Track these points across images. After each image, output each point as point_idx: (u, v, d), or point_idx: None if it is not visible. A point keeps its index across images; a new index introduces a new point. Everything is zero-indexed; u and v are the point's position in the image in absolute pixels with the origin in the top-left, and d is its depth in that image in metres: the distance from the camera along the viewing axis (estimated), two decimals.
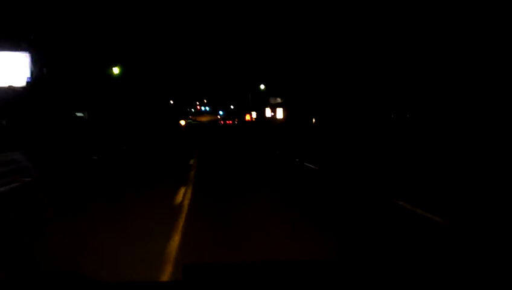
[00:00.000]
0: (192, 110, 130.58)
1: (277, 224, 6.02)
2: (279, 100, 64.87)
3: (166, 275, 4.04)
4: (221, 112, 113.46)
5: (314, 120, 36.18)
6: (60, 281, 1.71)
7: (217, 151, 21.84)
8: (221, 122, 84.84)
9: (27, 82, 27.02)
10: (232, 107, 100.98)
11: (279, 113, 44.24)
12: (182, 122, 76.73)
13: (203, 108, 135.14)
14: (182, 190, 8.89)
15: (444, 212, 6.44)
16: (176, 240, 5.23)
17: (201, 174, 11.95)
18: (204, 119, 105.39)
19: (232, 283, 1.82)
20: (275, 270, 1.98)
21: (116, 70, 30.31)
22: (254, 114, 64.75)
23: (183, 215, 6.58)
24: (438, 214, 6.28)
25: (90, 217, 6.69)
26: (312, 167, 13.44)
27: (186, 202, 7.66)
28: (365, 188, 9.07)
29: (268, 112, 52.27)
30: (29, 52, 27.36)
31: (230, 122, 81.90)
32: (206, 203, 7.82)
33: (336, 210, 7.01)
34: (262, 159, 17.50)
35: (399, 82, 27.51)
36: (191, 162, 15.19)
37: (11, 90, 26.20)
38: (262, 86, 60.69)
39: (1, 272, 4.07)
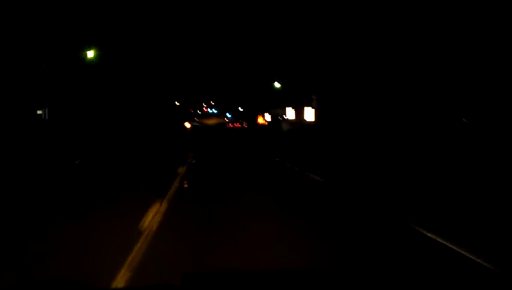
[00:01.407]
0: (199, 112, 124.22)
1: None
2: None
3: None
4: (228, 115, 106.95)
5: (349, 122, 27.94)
6: (60, 288, 1.74)
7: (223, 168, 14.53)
8: (230, 125, 77.18)
9: None
10: (240, 109, 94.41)
11: (309, 114, 35.06)
12: (187, 125, 71.68)
13: (209, 110, 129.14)
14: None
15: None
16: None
17: None
18: (210, 122, 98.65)
19: None
20: (273, 281, 2.06)
21: (90, 54, 22.52)
22: (268, 116, 56.57)
23: None
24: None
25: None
26: None
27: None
28: None
29: (290, 113, 43.54)
30: None
31: (238, 125, 74.26)
32: None
33: None
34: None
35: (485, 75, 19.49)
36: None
37: None
38: (277, 84, 52.78)
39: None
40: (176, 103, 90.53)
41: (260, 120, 58.36)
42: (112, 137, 24.88)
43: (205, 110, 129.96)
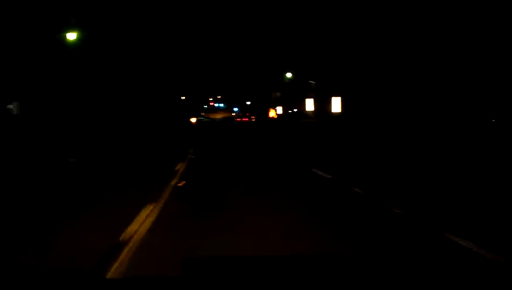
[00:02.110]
0: (205, 106, 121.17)
1: None
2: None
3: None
4: (235, 109, 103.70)
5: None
6: (61, 276, 1.67)
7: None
8: (238, 119, 73.33)
9: None
10: (248, 103, 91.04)
11: (336, 105, 30.02)
12: (193, 120, 68.88)
13: (216, 104, 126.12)
14: None
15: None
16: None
17: None
18: (217, 116, 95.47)
19: (230, 277, 1.76)
20: (272, 265, 1.96)
21: (72, 36, 18.46)
22: (280, 109, 52.21)
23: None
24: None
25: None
26: None
27: None
28: None
29: (310, 104, 38.74)
30: None
31: (246, 119, 70.38)
32: None
33: None
34: None
35: None
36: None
37: None
38: (288, 75, 48.67)
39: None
40: (182, 97, 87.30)
41: (272, 113, 53.99)
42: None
43: (212, 104, 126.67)
